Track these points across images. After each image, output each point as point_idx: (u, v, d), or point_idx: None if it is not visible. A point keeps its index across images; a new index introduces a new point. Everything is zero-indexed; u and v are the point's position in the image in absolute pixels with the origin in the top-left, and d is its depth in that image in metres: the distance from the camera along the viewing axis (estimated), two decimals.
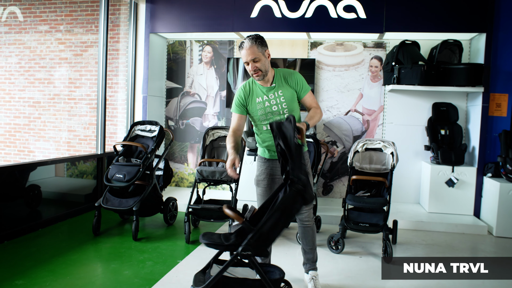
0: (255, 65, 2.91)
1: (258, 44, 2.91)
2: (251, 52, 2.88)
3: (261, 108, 3.02)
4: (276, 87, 3.02)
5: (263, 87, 3.03)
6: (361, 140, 4.51)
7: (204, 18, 5.80)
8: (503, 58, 5.26)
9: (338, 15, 5.42)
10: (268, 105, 3.01)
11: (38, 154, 7.41)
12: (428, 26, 5.32)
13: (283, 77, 3.05)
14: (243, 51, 2.91)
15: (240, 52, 2.95)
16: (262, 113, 3.02)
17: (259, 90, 3.05)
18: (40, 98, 7.35)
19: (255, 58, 2.89)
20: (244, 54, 2.91)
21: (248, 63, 2.92)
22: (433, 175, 5.32)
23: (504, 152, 4.99)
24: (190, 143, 6.54)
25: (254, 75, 2.95)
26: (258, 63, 2.91)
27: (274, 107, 3.01)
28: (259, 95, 3.04)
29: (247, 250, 2.32)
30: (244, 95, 3.07)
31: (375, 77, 5.94)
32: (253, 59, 2.89)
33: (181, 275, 3.44)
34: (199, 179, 4.41)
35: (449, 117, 5.58)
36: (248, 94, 3.07)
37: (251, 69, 2.93)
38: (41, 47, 7.31)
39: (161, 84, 6.51)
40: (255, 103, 3.04)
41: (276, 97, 3.01)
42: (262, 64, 2.92)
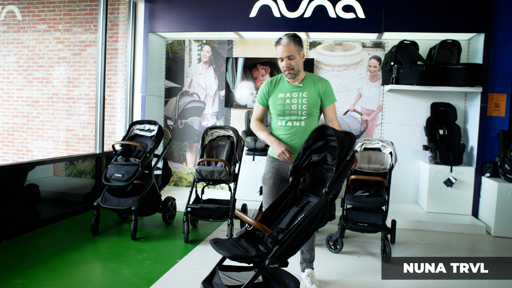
0: (289, 62, 2.96)
1: (296, 42, 2.97)
2: (287, 49, 2.94)
3: (281, 104, 3.06)
4: (302, 88, 3.06)
5: (290, 85, 3.08)
6: (359, 140, 4.51)
7: (203, 18, 5.80)
8: (501, 58, 5.27)
9: (337, 15, 5.42)
10: (289, 102, 3.05)
11: (37, 153, 7.40)
12: (427, 26, 5.33)
13: (313, 81, 3.09)
14: (280, 47, 2.97)
15: (276, 47, 3.02)
16: (281, 108, 3.05)
17: (285, 86, 3.10)
18: (38, 97, 7.34)
19: (290, 56, 2.94)
20: (280, 50, 2.97)
21: (282, 59, 2.98)
22: (431, 175, 5.33)
23: (502, 152, 5.00)
24: (189, 143, 6.54)
25: (286, 71, 3.00)
26: (293, 61, 2.96)
27: (293, 106, 3.04)
28: (283, 91, 3.08)
29: (274, 263, 2.27)
30: (268, 88, 3.13)
31: (374, 77, 5.94)
32: (288, 56, 2.95)
33: (180, 274, 3.44)
34: (198, 178, 4.41)
35: (447, 117, 5.59)
36: (273, 87, 3.12)
37: (284, 66, 2.98)
38: (39, 46, 7.30)
39: (160, 83, 6.51)
40: (276, 97, 3.08)
41: (299, 97, 3.04)
42: (296, 63, 2.98)
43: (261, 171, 5.59)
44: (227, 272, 2.48)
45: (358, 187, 4.43)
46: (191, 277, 3.40)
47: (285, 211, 2.68)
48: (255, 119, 3.19)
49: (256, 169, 5.67)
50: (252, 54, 6.25)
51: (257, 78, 6.17)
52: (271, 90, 3.12)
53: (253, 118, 3.21)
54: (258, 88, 6.11)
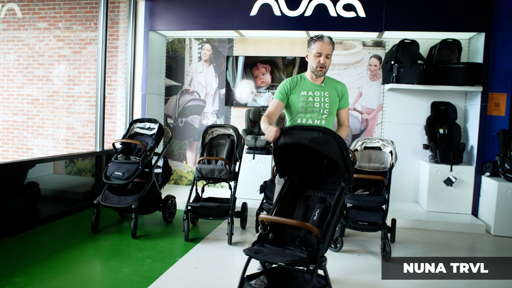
0: (326, 60, 3.07)
1: (333, 46, 3.13)
2: (328, 48, 3.08)
3: (304, 101, 3.12)
4: (325, 87, 3.16)
5: (312, 83, 3.16)
6: (360, 138, 4.51)
7: (204, 16, 5.80)
8: (501, 58, 5.27)
9: (337, 14, 5.42)
10: (311, 100, 3.12)
11: (37, 151, 7.39)
12: (427, 25, 5.33)
13: (333, 84, 3.21)
14: (321, 43, 3.07)
15: (314, 42, 3.10)
16: (303, 105, 3.11)
17: (307, 84, 3.17)
18: (38, 95, 7.33)
19: (328, 55, 3.08)
20: (321, 46, 3.07)
21: (319, 55, 3.06)
22: (431, 174, 5.33)
23: (502, 151, 5.00)
24: (189, 141, 6.54)
25: (319, 68, 3.08)
26: (328, 60, 3.09)
27: (316, 104, 3.12)
28: (305, 89, 3.15)
29: (325, 260, 2.39)
30: (290, 85, 3.18)
31: (374, 76, 5.94)
32: (327, 55, 3.07)
33: (180, 272, 3.44)
34: (198, 177, 4.41)
35: (447, 116, 5.59)
36: (295, 85, 3.19)
37: (321, 61, 3.06)
38: (39, 44, 7.29)
39: (160, 82, 6.51)
40: (299, 94, 3.14)
41: (322, 96, 3.13)
42: (329, 63, 3.11)
43: (261, 170, 5.63)
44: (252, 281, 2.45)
45: (358, 185, 4.43)
46: (191, 275, 3.41)
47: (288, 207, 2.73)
48: (267, 114, 3.12)
49: (256, 168, 5.68)
50: (252, 52, 6.24)
51: (257, 76, 6.16)
52: (293, 87, 3.17)
53: (267, 113, 3.14)
54: (258, 87, 6.13)
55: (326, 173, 2.70)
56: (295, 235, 2.62)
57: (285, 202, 2.74)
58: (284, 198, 2.74)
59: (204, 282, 3.29)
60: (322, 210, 2.61)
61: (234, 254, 3.97)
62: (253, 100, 6.19)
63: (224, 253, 3.96)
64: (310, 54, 3.13)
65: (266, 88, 6.14)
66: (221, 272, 3.50)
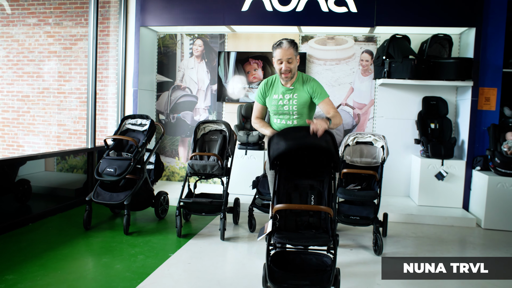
0: (288, 66, 3.14)
1: (295, 48, 3.18)
2: (288, 53, 3.14)
3: (275, 104, 3.28)
4: (293, 90, 3.24)
5: (282, 87, 3.27)
6: (351, 133, 4.53)
7: (195, 11, 5.77)
8: (492, 53, 5.31)
9: (329, 9, 5.42)
10: (281, 104, 3.26)
11: (28, 148, 7.34)
12: (419, 20, 5.34)
13: (303, 82, 3.26)
14: (280, 50, 3.15)
15: (275, 49, 3.20)
16: (275, 109, 3.29)
17: (279, 87, 3.29)
18: (29, 92, 7.27)
19: (290, 59, 3.13)
20: (281, 53, 3.14)
21: (281, 62, 3.14)
22: (423, 168, 5.37)
23: (493, 146, 5.05)
24: (181, 137, 6.53)
25: (283, 75, 3.18)
26: (291, 64, 3.15)
27: (285, 107, 3.25)
28: (277, 92, 3.29)
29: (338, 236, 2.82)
30: (264, 88, 3.34)
31: (366, 71, 5.96)
32: (288, 59, 3.13)
33: (173, 268, 3.44)
34: (191, 173, 4.41)
35: (438, 111, 5.62)
36: (268, 88, 3.33)
37: (283, 68, 3.15)
38: (29, 40, 7.22)
39: (151, 77, 6.48)
40: (272, 98, 3.29)
41: (291, 98, 3.24)
42: (294, 66, 3.18)
43: (254, 166, 5.64)
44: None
45: (350, 180, 4.45)
46: (184, 271, 3.41)
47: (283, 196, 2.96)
48: (256, 117, 3.41)
49: (249, 163, 5.68)
50: (244, 48, 6.23)
51: (249, 72, 6.16)
52: (267, 90, 3.33)
53: (254, 116, 3.42)
54: (250, 83, 6.12)
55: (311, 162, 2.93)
56: (299, 221, 2.93)
57: (280, 192, 2.93)
58: (279, 188, 2.92)
59: (197, 277, 3.29)
60: (317, 195, 2.92)
61: (227, 250, 3.98)
62: (245, 95, 6.18)
63: (217, 248, 3.97)
64: (274, 60, 3.23)
65: (258, 84, 6.14)
66: (214, 267, 3.51)
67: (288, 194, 2.98)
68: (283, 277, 2.55)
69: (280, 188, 2.94)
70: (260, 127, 3.33)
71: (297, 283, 2.53)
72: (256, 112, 3.42)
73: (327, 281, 2.52)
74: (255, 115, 3.42)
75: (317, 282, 2.53)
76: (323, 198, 2.95)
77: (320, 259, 2.76)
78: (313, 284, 2.51)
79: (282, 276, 2.56)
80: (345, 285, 3.12)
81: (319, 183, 2.96)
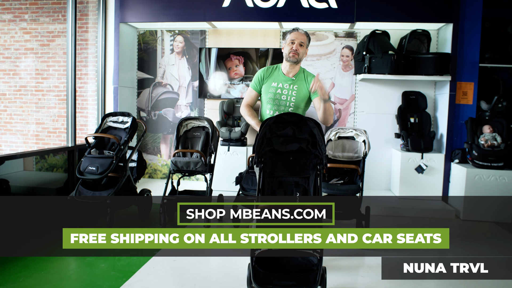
0: (298, 48, 3.23)
1: (308, 38, 3.32)
2: (303, 38, 3.26)
3: (273, 92, 3.27)
4: (295, 81, 3.27)
5: (284, 76, 3.30)
6: (333, 128, 4.58)
7: (175, 7, 5.73)
8: (469, 48, 5.42)
9: (309, 5, 5.45)
10: (280, 92, 3.27)
11: (5, 147, 7.19)
12: (398, 16, 5.42)
13: (305, 76, 3.31)
14: (295, 33, 3.27)
15: (290, 33, 3.29)
16: (271, 97, 3.27)
17: (280, 76, 3.31)
18: (5, 90, 7.11)
19: (302, 43, 3.25)
20: (296, 35, 3.26)
21: (293, 43, 3.23)
22: (403, 162, 5.46)
23: (470, 139, 5.17)
24: (163, 134, 6.49)
25: (291, 53, 3.23)
26: (301, 49, 3.25)
27: (283, 97, 3.26)
28: (276, 80, 3.30)
29: None
30: (264, 74, 3.35)
31: (347, 66, 6.02)
32: (300, 43, 3.24)
33: (158, 266, 3.43)
34: (174, 170, 4.39)
35: (418, 106, 5.72)
36: (268, 75, 3.34)
37: (293, 48, 3.22)
38: (5, 36, 7.06)
39: (132, 74, 6.41)
40: (270, 85, 3.29)
41: (290, 89, 3.26)
42: (302, 52, 3.27)
43: (237, 162, 5.64)
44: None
45: (333, 175, 4.50)
46: (170, 268, 3.41)
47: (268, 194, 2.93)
48: (246, 104, 3.40)
49: (232, 160, 5.69)
50: (225, 44, 6.22)
51: (230, 68, 6.15)
52: (266, 77, 3.33)
53: (244, 103, 3.41)
54: (231, 79, 6.12)
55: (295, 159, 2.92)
56: None
57: (265, 190, 2.91)
58: (263, 186, 2.90)
59: (182, 274, 3.29)
60: (302, 193, 2.91)
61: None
62: (227, 92, 6.18)
63: None
64: (285, 44, 3.27)
65: (240, 80, 6.14)
66: (199, 264, 3.51)
67: (272, 191, 2.96)
68: (268, 277, 2.52)
69: (264, 185, 2.92)
70: (247, 115, 3.33)
71: (282, 283, 2.49)
72: (248, 98, 3.41)
73: (313, 281, 2.50)
74: (246, 102, 3.41)
75: (303, 282, 2.50)
76: (308, 195, 2.96)
77: (306, 258, 2.74)
78: (299, 284, 2.49)
79: (267, 276, 2.53)
80: (329, 279, 3.16)
81: (304, 180, 2.95)
